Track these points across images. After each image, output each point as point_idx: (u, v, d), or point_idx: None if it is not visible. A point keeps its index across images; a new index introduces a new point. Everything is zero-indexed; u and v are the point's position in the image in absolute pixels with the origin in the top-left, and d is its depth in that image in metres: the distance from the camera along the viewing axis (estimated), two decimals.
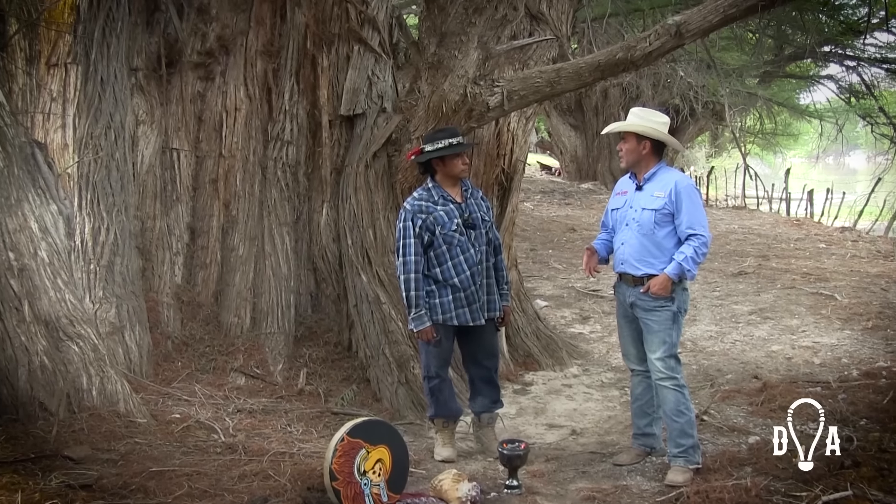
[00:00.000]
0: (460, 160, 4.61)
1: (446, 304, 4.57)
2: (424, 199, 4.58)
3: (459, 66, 5.40)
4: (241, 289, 5.97)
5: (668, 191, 4.22)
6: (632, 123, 4.35)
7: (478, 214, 4.66)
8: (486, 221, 4.70)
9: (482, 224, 4.66)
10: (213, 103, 6.09)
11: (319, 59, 6.24)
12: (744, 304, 8.32)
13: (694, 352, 6.90)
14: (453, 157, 4.58)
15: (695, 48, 10.38)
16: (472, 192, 4.74)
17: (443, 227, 4.53)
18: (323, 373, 5.82)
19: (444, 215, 4.55)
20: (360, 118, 6.30)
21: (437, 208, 4.55)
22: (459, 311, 4.58)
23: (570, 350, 6.93)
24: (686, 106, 15.97)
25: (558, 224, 13.68)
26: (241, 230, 6.08)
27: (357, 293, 5.96)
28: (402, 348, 5.72)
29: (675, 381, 4.23)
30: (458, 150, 4.57)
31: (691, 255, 4.14)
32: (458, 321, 4.59)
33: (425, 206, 4.55)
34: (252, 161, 6.15)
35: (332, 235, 6.22)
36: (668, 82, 15.43)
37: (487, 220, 4.72)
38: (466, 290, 4.58)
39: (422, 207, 4.54)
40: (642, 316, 4.31)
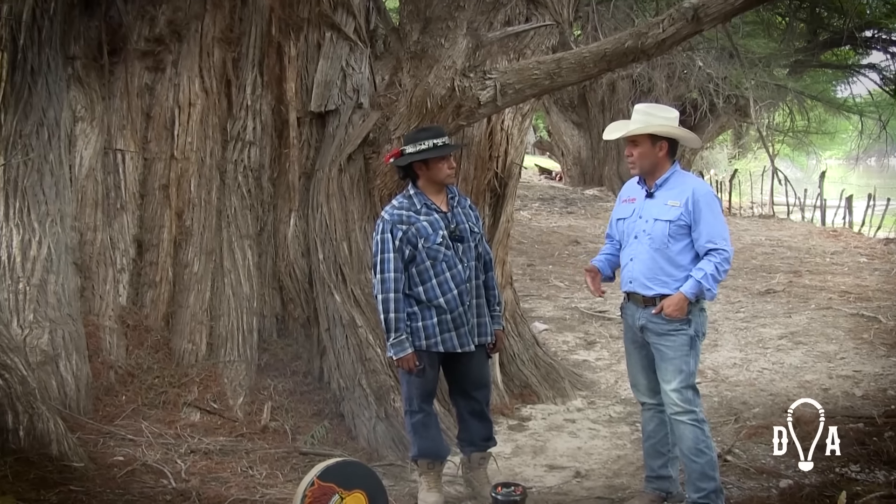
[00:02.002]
0: (446, 164, 4.60)
1: (430, 327, 4.57)
2: (405, 207, 4.58)
3: (446, 56, 5.43)
4: (196, 311, 5.95)
5: (685, 199, 4.24)
6: (646, 123, 4.35)
7: (466, 225, 4.67)
8: (474, 233, 4.72)
9: (471, 236, 4.68)
10: (164, 97, 6.09)
11: (286, 48, 6.26)
12: (773, 326, 8.37)
13: (715, 381, 6.94)
14: (438, 160, 4.58)
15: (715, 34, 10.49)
16: (458, 199, 4.75)
17: (426, 239, 4.53)
18: (290, 407, 5.80)
19: (428, 226, 4.55)
20: (332, 115, 6.33)
21: (419, 218, 4.55)
22: (445, 335, 4.58)
23: (574, 380, 6.95)
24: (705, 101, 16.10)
25: (559, 236, 13.73)
26: (196, 243, 6.07)
27: (329, 315, 5.96)
28: (381, 378, 5.72)
29: (692, 416, 4.24)
30: (443, 152, 4.58)
31: (712, 271, 4.15)
32: (445, 347, 4.59)
33: (406, 215, 4.55)
34: (209, 164, 6.15)
35: (301, 249, 6.22)
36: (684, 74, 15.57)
37: (477, 232, 4.74)
38: (453, 312, 4.58)
39: (402, 217, 4.54)
40: (654, 341, 4.32)
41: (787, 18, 15.51)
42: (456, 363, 4.71)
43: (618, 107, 18.74)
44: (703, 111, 16.72)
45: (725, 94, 15.78)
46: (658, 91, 16.72)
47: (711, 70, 14.23)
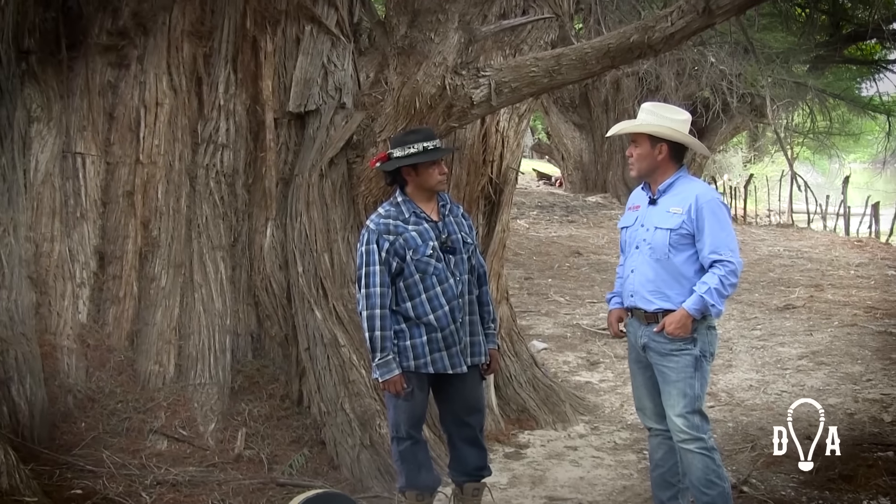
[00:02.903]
0: (436, 169, 4.60)
1: (419, 346, 4.55)
2: (392, 216, 4.58)
3: (436, 52, 5.43)
4: (164, 329, 5.93)
5: (687, 206, 4.25)
6: (643, 122, 4.39)
7: (458, 235, 4.67)
8: (467, 244, 4.71)
9: (463, 248, 4.67)
10: (128, 96, 6.08)
11: (262, 43, 6.26)
12: (792, 345, 8.38)
13: (730, 405, 6.93)
14: (428, 165, 4.57)
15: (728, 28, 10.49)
16: (451, 207, 4.76)
17: (415, 251, 4.53)
18: (266, 434, 5.78)
19: (417, 237, 4.55)
20: (312, 116, 6.33)
21: (407, 228, 4.55)
22: (436, 355, 4.57)
23: (575, 403, 6.95)
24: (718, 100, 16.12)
25: (559, 247, 13.75)
26: (164, 255, 6.05)
27: (309, 333, 5.95)
28: (365, 402, 5.70)
29: (700, 444, 4.25)
30: (433, 156, 4.57)
31: (716, 285, 4.16)
32: (435, 368, 4.58)
33: (393, 225, 4.54)
34: (177, 169, 6.14)
35: (279, 262, 6.22)
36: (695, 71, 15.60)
37: (470, 243, 4.73)
38: (444, 330, 4.57)
39: (389, 227, 4.53)
40: (657, 361, 4.34)
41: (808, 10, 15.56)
42: (447, 385, 4.69)
43: (622, 106, 18.78)
44: (715, 111, 16.74)
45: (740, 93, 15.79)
46: (666, 89, 16.75)
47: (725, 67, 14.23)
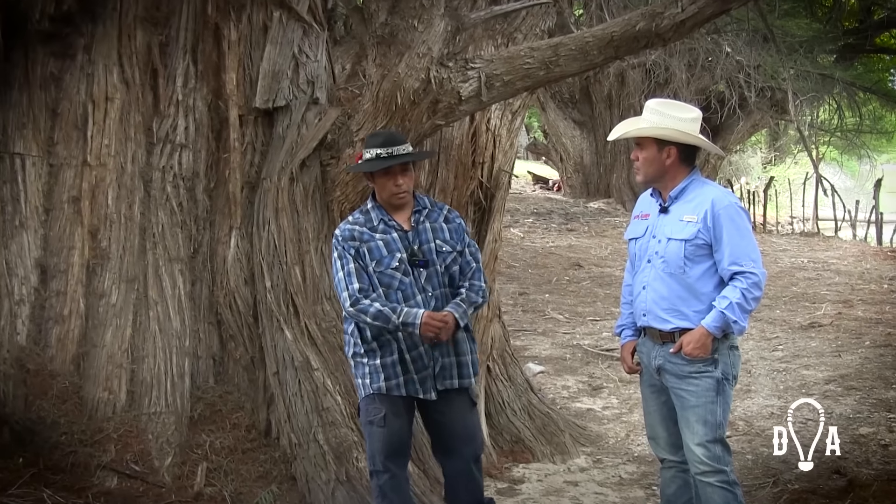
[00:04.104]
0: (391, 181, 4.63)
1: (390, 366, 4.60)
2: (360, 223, 4.69)
3: (420, 41, 5.44)
4: (114, 351, 5.89)
5: (703, 213, 4.28)
6: (648, 124, 4.40)
7: (431, 245, 4.69)
8: (442, 253, 4.70)
9: (437, 258, 4.68)
10: (74, 90, 6.04)
11: (225, 31, 6.24)
12: (818, 368, 8.39)
13: (749, 435, 6.94)
14: (381, 175, 4.64)
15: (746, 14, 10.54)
16: (428, 213, 4.78)
17: (378, 262, 4.61)
18: (230, 468, 5.75)
19: (382, 246, 4.63)
20: (282, 113, 6.31)
21: (374, 236, 4.65)
22: (408, 377, 4.62)
23: (576, 433, 6.96)
24: (734, 94, 16.19)
25: (558, 258, 13.77)
26: (115, 268, 6.01)
27: (278, 356, 5.93)
28: (341, 432, 5.69)
29: (722, 477, 4.27)
30: (382, 165, 4.59)
31: (738, 300, 4.19)
32: (407, 391, 4.61)
33: (359, 232, 4.66)
34: (130, 171, 6.11)
35: (244, 275, 6.20)
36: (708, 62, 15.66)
37: (447, 251, 4.71)
38: (412, 352, 4.62)
39: (354, 234, 4.65)
40: (674, 385, 4.35)
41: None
42: (430, 411, 4.73)
43: (628, 102, 18.84)
44: (731, 107, 16.79)
45: (759, 87, 15.85)
46: (677, 83, 16.82)
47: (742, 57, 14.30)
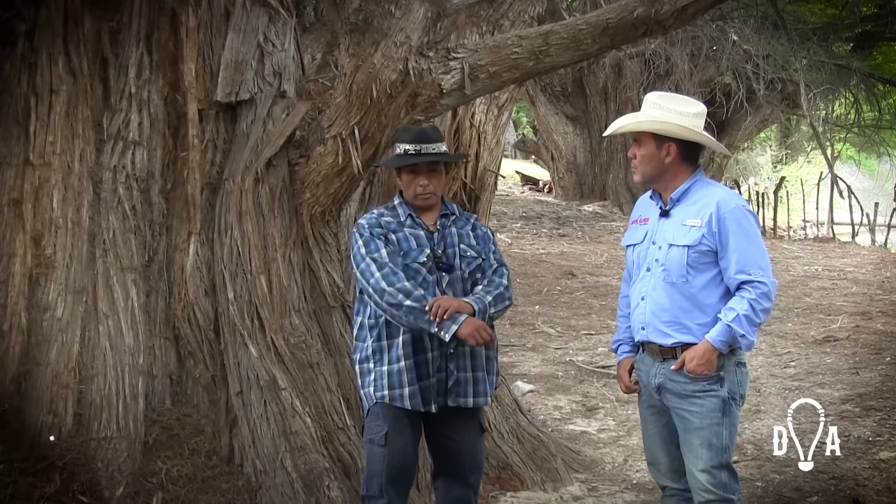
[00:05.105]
0: (417, 180, 4.80)
1: (395, 373, 4.66)
2: (386, 215, 4.86)
3: (397, 29, 5.47)
4: (60, 370, 5.83)
5: (707, 217, 4.30)
6: (647, 118, 4.42)
7: (455, 250, 4.83)
8: (466, 258, 4.82)
9: (461, 262, 4.79)
10: (14, 82, 5.97)
11: (183, 16, 6.19)
12: (834, 386, 8.42)
13: (758, 460, 6.95)
14: (406, 172, 4.82)
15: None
16: (455, 219, 4.96)
17: (406, 254, 4.74)
18: (188, 499, 5.73)
19: (412, 239, 4.79)
20: (246, 107, 6.28)
21: (402, 228, 4.81)
22: (413, 387, 4.67)
23: (569, 458, 6.95)
24: (742, 87, 16.25)
25: (549, 266, 13.80)
26: (60, 278, 5.95)
27: (242, 374, 5.92)
28: (311, 458, 5.69)
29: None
30: (406, 162, 4.76)
31: (745, 312, 4.19)
32: (412, 403, 4.65)
33: (386, 221, 4.82)
34: (77, 171, 6.05)
35: (204, 286, 6.18)
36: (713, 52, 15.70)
37: (472, 257, 4.84)
38: (419, 355, 4.70)
39: (381, 222, 4.80)
40: (676, 406, 4.36)
41: None
42: (439, 436, 4.80)
43: (625, 95, 18.91)
44: (738, 101, 16.86)
45: (768, 78, 15.92)
46: (678, 75, 16.88)
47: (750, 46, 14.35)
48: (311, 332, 6.09)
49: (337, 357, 6.17)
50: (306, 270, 6.18)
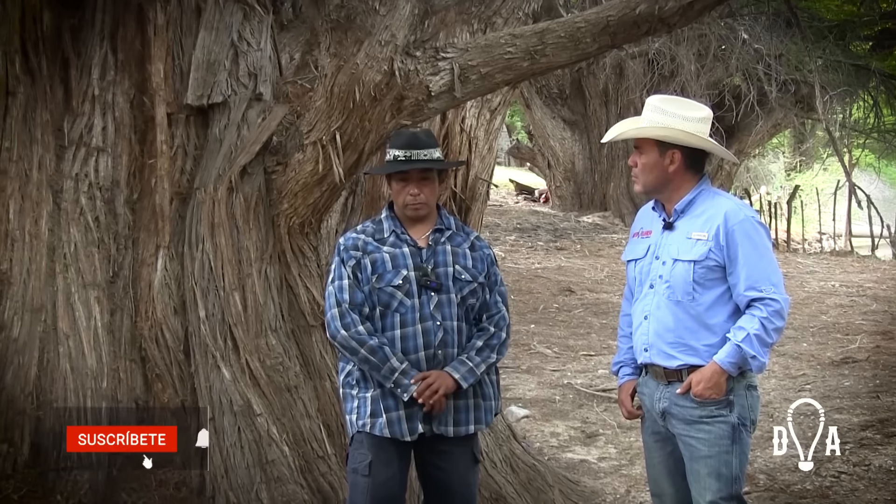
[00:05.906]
0: (406, 189, 4.74)
1: (378, 400, 4.63)
2: (368, 232, 4.82)
3: (382, 27, 5.46)
4: (16, 395, 5.82)
5: (714, 230, 4.29)
6: (647, 123, 4.41)
7: (448, 270, 4.75)
8: (460, 281, 4.75)
9: (454, 284, 4.73)
10: None
11: (150, 13, 6.19)
12: (852, 411, 8.42)
13: (771, 491, 6.94)
14: (398, 180, 4.76)
15: None
16: (452, 236, 4.87)
17: (380, 276, 4.69)
18: None
19: (388, 260, 4.72)
20: (219, 111, 6.27)
21: (380, 248, 4.75)
22: (393, 414, 4.64)
23: (567, 489, 6.92)
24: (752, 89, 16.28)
25: (545, 282, 13.81)
26: (17, 296, 5.96)
27: (214, 399, 5.91)
28: (288, 489, 5.71)
29: None
30: (398, 168, 4.72)
31: (756, 331, 4.18)
32: (391, 431, 4.62)
33: (363, 242, 4.78)
34: (36, 180, 6.06)
35: (174, 303, 6.15)
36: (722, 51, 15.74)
37: (467, 280, 4.77)
38: None
39: (358, 244, 4.77)
40: (682, 432, 4.35)
41: None
42: (429, 466, 4.79)
43: (627, 98, 18.97)
44: (749, 104, 16.90)
45: (781, 80, 15.95)
46: (684, 76, 16.92)
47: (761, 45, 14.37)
48: (289, 353, 6.06)
49: (317, 380, 6.14)
50: (284, 287, 6.14)
